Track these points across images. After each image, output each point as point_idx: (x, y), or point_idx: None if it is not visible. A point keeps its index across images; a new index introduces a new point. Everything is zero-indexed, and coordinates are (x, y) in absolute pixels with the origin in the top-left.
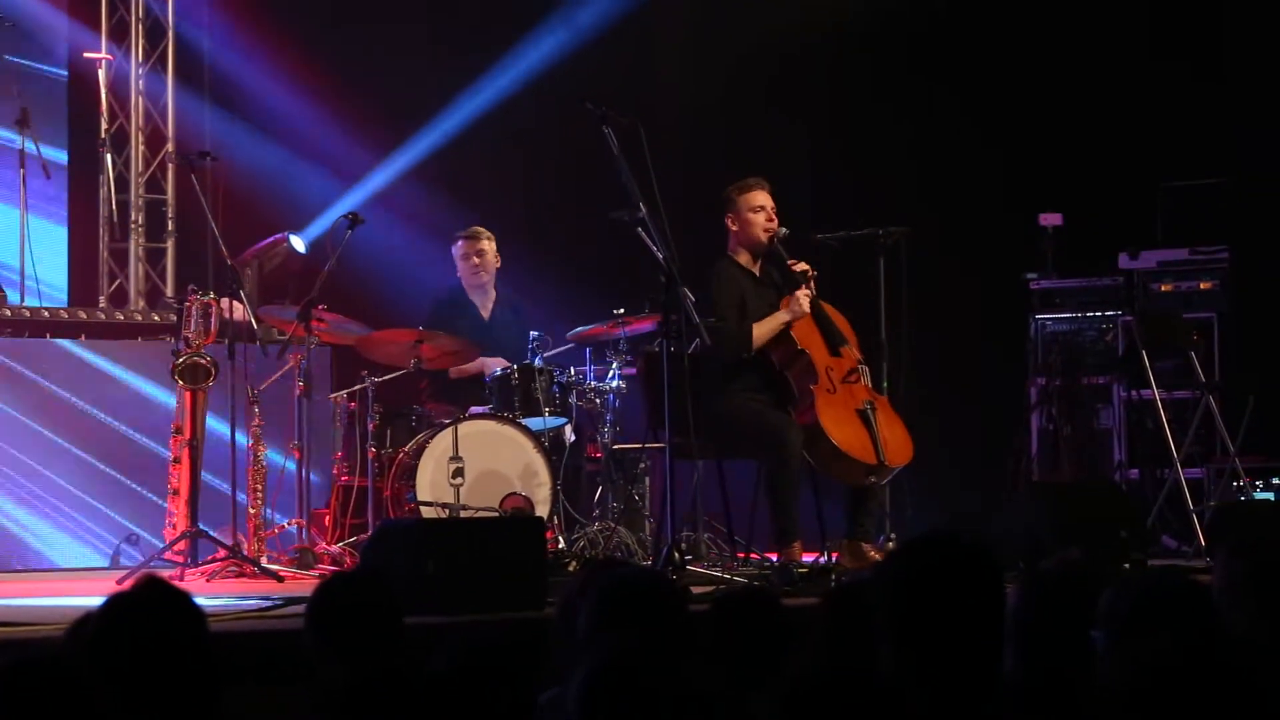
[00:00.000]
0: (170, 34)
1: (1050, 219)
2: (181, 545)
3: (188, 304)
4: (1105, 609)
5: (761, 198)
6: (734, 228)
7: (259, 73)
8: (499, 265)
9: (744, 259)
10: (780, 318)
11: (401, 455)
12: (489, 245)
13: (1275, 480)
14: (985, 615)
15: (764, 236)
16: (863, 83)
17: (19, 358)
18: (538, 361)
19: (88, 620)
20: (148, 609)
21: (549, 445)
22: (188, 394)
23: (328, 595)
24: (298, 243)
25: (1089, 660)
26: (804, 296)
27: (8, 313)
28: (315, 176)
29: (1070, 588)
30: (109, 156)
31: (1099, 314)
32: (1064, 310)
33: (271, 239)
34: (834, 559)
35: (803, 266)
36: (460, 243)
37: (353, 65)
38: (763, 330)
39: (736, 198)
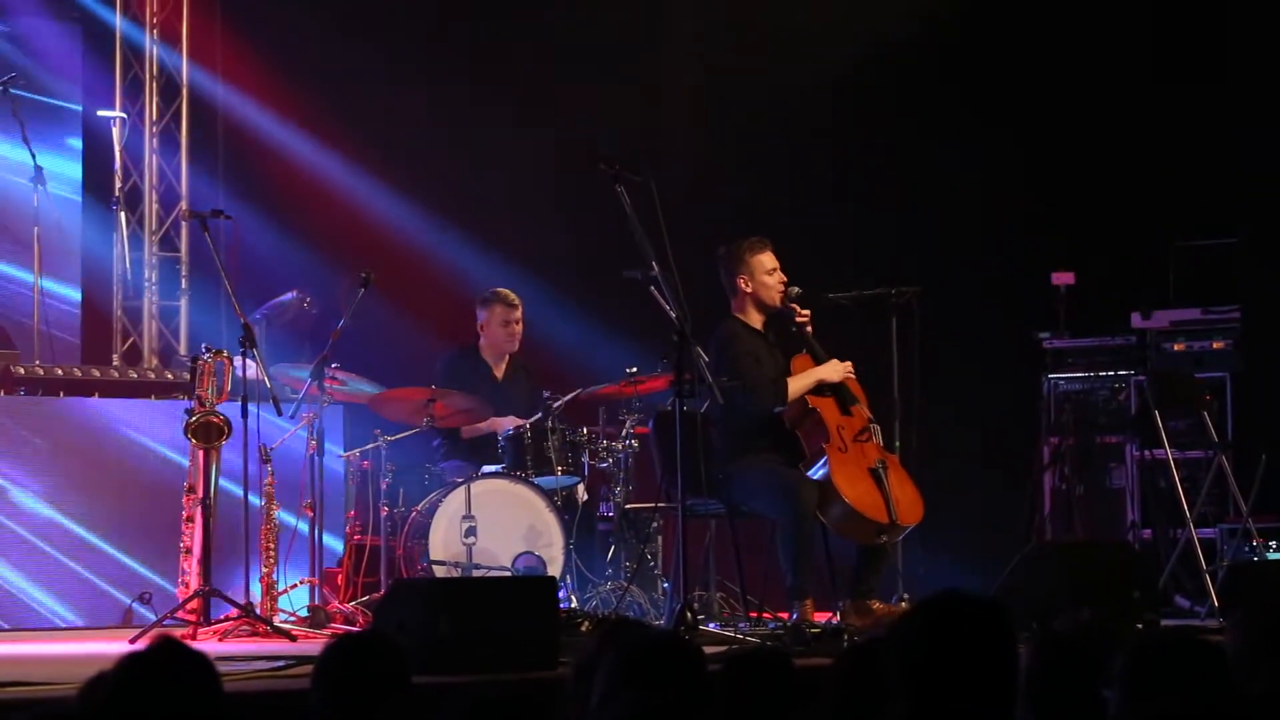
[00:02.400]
0: (184, 91)
1: (1063, 278)
2: (194, 604)
3: (201, 362)
4: (1118, 669)
5: (772, 260)
6: (747, 289)
7: (273, 129)
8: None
9: (753, 320)
10: (820, 374)
11: (414, 514)
12: (521, 312)
13: None
14: (999, 675)
15: (777, 298)
16: (873, 140)
17: (33, 416)
18: (550, 421)
19: (101, 680)
20: (164, 669)
21: (561, 504)
22: (200, 452)
23: (335, 655)
24: (306, 301)
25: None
26: (842, 366)
27: (21, 370)
28: (330, 233)
29: (1083, 648)
30: (122, 215)
31: (1111, 373)
32: (1076, 369)
33: (283, 297)
34: (843, 619)
35: (803, 315)
36: (497, 308)
37: (368, 123)
38: (797, 386)
39: (749, 259)
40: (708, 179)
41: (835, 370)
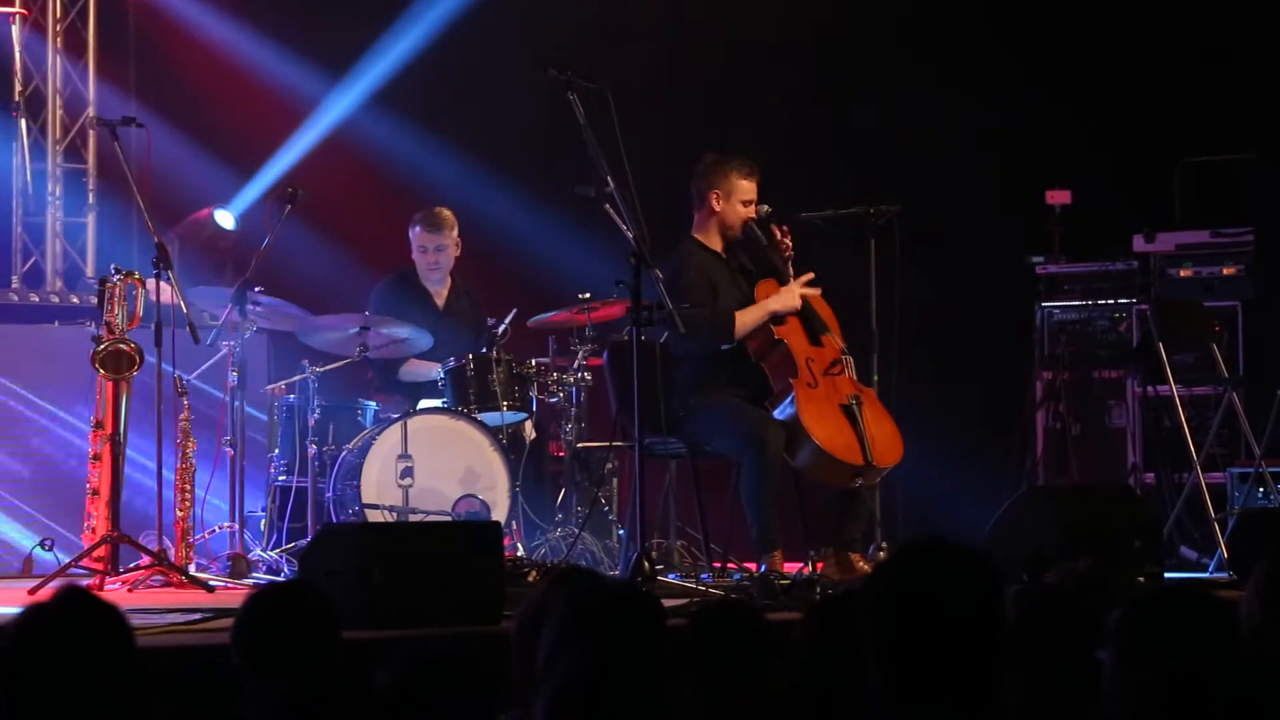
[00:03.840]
0: None
1: (1058, 197)
2: (101, 551)
3: (110, 285)
4: (1115, 627)
5: (753, 191)
6: (717, 207)
7: (188, 23)
8: (459, 253)
9: (714, 242)
10: (768, 305)
11: (345, 453)
12: (450, 238)
13: None
14: (982, 632)
15: (739, 231)
16: (853, 47)
17: None
18: (495, 351)
19: (1, 634)
20: (69, 622)
21: (507, 443)
22: (109, 384)
23: (257, 608)
24: (224, 218)
25: (1095, 684)
26: (799, 287)
27: None
28: (251, 142)
29: (1077, 603)
30: (23, 122)
31: (1111, 302)
32: (1073, 297)
33: (198, 214)
34: (819, 570)
35: (785, 241)
36: (418, 230)
37: (301, 16)
38: (747, 318)
39: (734, 179)
40: (672, 85)
41: (790, 296)
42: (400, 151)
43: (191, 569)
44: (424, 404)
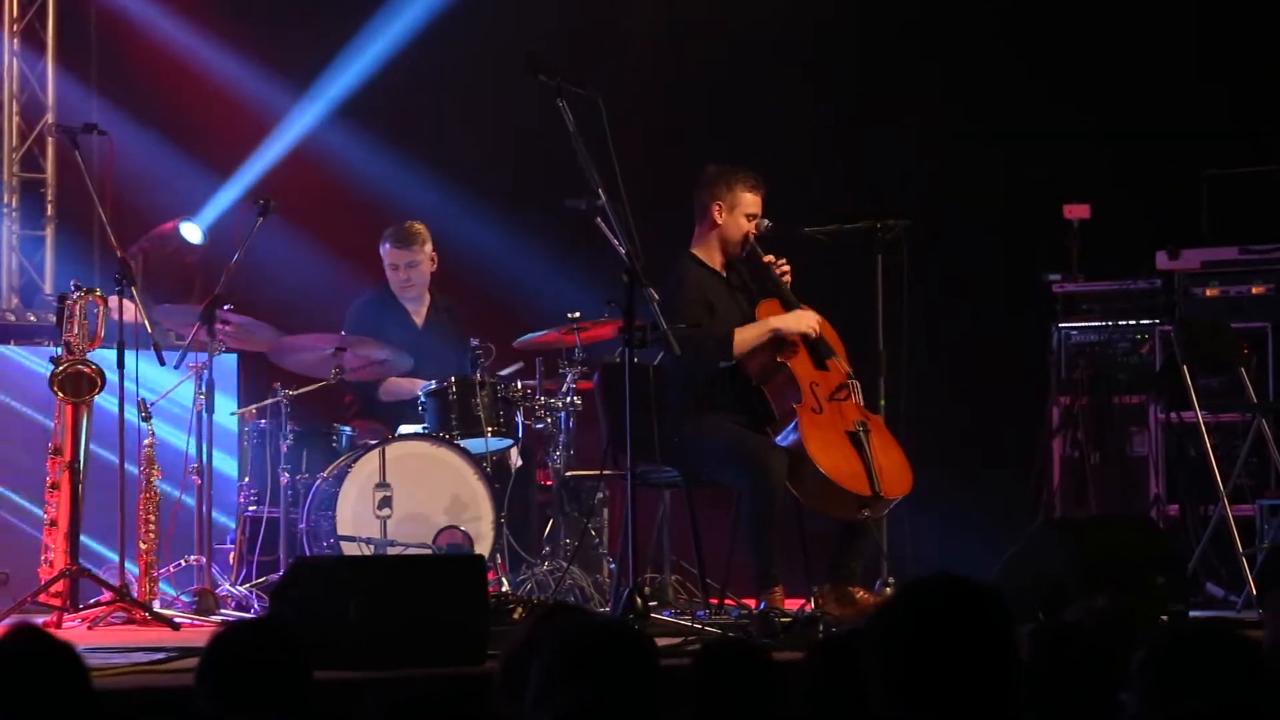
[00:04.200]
0: None
1: (1076, 211)
2: (59, 586)
3: (69, 302)
4: (1137, 668)
5: (757, 205)
6: (719, 220)
7: (152, 26)
8: (435, 269)
9: (714, 259)
10: (771, 324)
11: (319, 482)
12: (424, 253)
13: None
14: (996, 672)
15: (740, 248)
16: (860, 53)
17: None
18: (479, 374)
19: None
20: (21, 662)
21: (491, 471)
22: (68, 408)
23: (224, 647)
24: (191, 231)
25: None
26: (812, 317)
27: None
28: (219, 151)
29: (1096, 642)
30: None
31: (1133, 322)
32: (1092, 318)
33: (162, 227)
34: (822, 607)
35: (781, 265)
36: (388, 247)
37: (272, 22)
38: (747, 336)
39: (739, 192)
40: (669, 94)
41: (798, 321)
42: (377, 162)
43: (155, 605)
44: (403, 429)
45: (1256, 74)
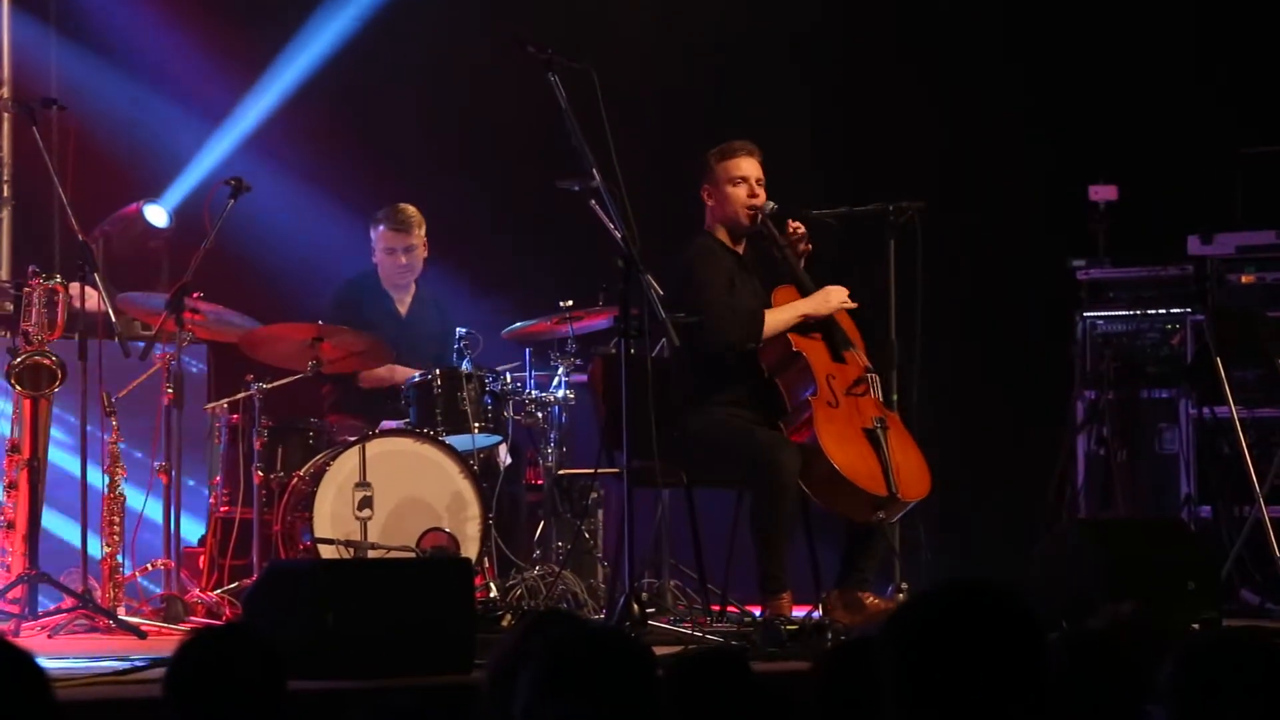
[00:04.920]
0: None
1: (1103, 193)
2: (17, 592)
3: (28, 290)
4: (1167, 678)
5: (746, 166)
6: (710, 202)
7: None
8: (425, 255)
9: (724, 239)
10: (800, 307)
11: (295, 480)
12: (420, 238)
13: None
14: (1018, 683)
15: (744, 216)
16: (873, 26)
17: None
18: (466, 365)
19: None
20: None
21: (479, 469)
22: (27, 402)
23: (193, 656)
24: (156, 214)
25: None
26: (837, 295)
27: None
28: (192, 130)
29: (1123, 651)
30: None
31: (1163, 311)
32: (1119, 306)
33: (125, 209)
34: (831, 613)
35: (797, 233)
36: (382, 229)
37: None
38: (777, 320)
39: (715, 165)
40: (668, 69)
41: (825, 301)
42: (353, 139)
43: (120, 612)
44: (385, 425)
45: None
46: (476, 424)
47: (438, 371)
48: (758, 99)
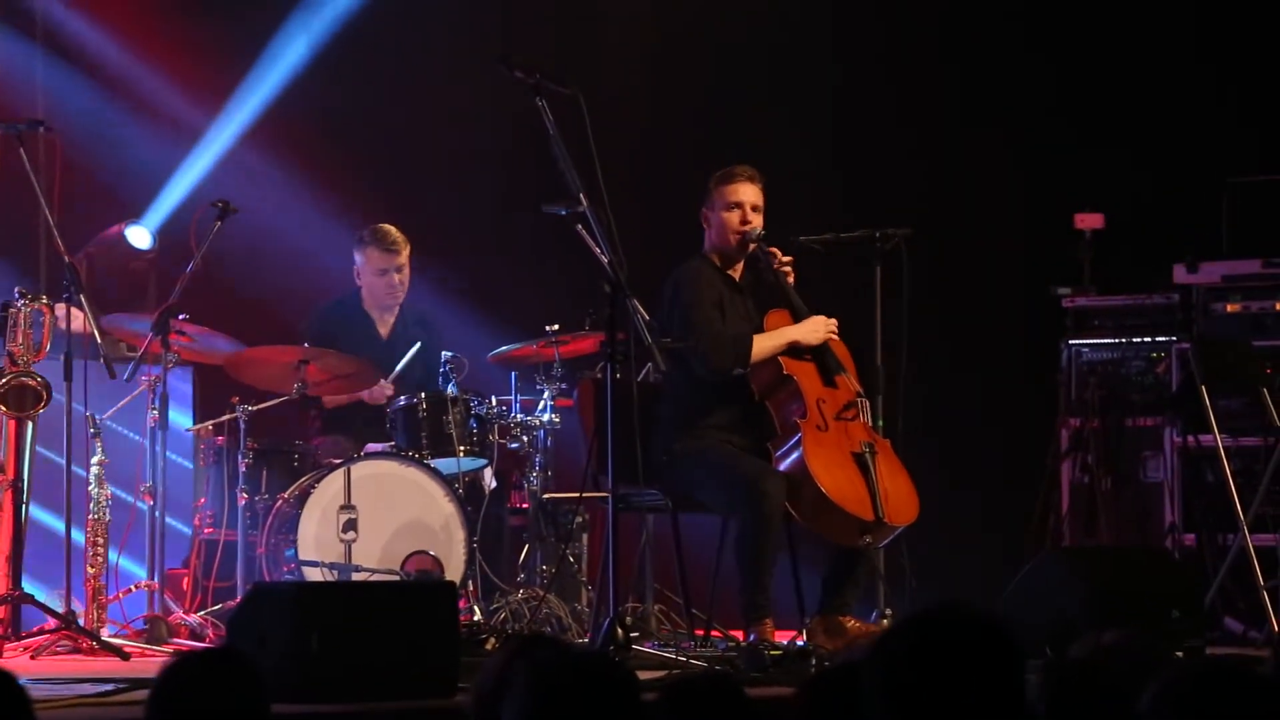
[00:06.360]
0: None
1: (1088, 221)
2: (0, 612)
3: (13, 311)
4: (1149, 708)
5: (744, 191)
6: (707, 225)
7: (109, 14)
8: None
9: (718, 262)
10: (789, 334)
11: (280, 503)
12: (406, 258)
13: None
14: (999, 711)
15: (734, 240)
16: (862, 54)
17: None
18: (451, 389)
19: None
20: None
21: (464, 493)
22: (11, 423)
23: (176, 678)
24: (139, 235)
25: None
26: (825, 326)
27: None
28: (178, 152)
29: (1106, 680)
30: None
31: (1148, 340)
32: (1104, 334)
33: (107, 231)
34: (814, 639)
35: (784, 263)
36: (372, 251)
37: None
38: (765, 345)
39: (714, 189)
40: (657, 95)
41: (814, 330)
42: (341, 162)
43: (104, 634)
44: (370, 448)
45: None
46: (462, 447)
47: (423, 395)
48: (745, 125)
